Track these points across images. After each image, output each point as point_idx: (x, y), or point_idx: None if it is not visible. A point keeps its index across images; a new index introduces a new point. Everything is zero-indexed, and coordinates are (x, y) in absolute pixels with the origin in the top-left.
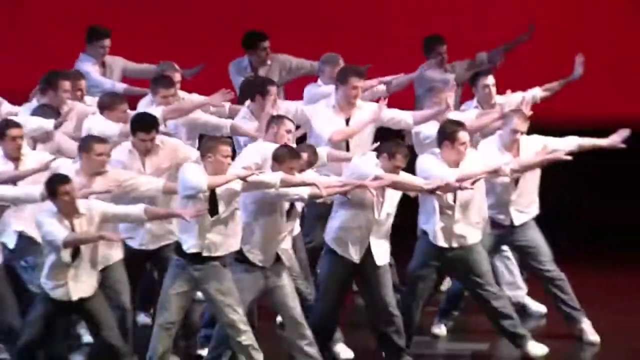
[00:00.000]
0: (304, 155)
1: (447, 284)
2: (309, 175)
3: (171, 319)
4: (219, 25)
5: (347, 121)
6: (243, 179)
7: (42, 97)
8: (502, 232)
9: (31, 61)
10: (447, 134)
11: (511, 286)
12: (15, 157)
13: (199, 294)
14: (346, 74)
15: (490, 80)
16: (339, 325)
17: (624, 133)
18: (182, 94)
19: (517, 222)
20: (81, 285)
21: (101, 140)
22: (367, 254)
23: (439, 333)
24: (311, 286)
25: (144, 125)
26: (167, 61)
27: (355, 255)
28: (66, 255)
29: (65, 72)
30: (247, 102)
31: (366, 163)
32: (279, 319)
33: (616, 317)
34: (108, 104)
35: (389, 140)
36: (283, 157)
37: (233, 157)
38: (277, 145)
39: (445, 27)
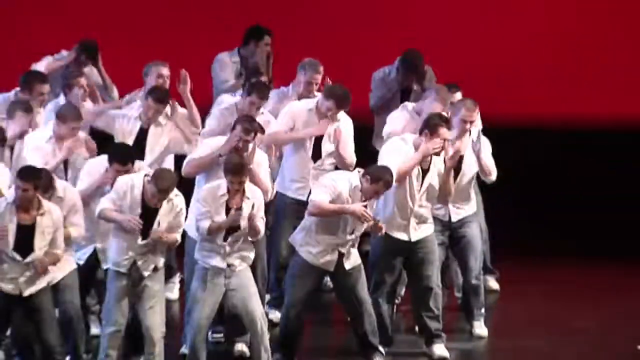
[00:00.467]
0: None
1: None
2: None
3: (121, 321)
4: (218, 25)
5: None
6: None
7: (21, 93)
8: (442, 228)
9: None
10: (430, 125)
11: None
12: None
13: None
14: (327, 95)
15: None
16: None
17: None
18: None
19: (454, 218)
20: (32, 281)
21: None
22: (338, 259)
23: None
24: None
25: (120, 158)
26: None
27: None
28: (15, 254)
29: (44, 76)
30: (239, 99)
31: (342, 181)
32: None
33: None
34: (61, 115)
35: (377, 165)
36: (225, 170)
37: None
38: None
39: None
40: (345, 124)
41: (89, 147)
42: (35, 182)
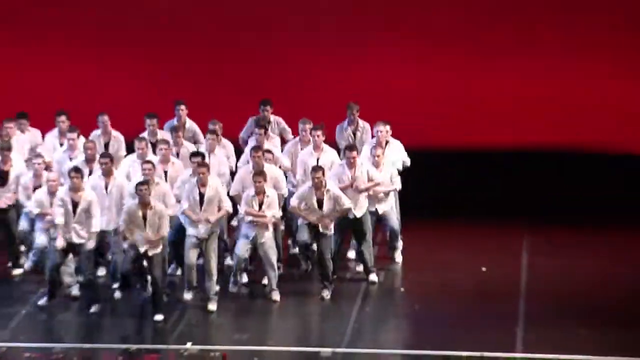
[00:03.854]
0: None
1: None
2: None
3: (193, 263)
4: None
5: (317, 160)
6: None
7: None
8: (373, 212)
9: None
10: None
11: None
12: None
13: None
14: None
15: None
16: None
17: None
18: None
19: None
20: (147, 243)
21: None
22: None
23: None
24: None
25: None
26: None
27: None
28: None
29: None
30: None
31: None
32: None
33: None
34: None
35: None
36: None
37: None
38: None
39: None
40: (329, 152)
41: None
42: (149, 187)
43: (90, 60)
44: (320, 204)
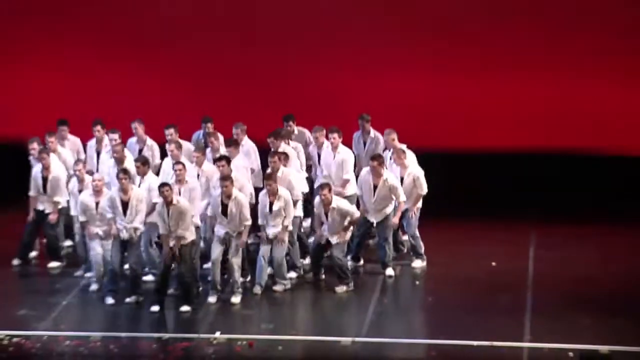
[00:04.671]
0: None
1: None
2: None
3: (218, 257)
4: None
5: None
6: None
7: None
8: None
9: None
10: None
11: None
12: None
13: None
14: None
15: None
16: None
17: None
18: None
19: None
20: (176, 241)
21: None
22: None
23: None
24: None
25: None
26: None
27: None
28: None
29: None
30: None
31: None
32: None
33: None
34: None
35: None
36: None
37: None
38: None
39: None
40: (344, 151)
41: None
42: (169, 187)
43: (115, 68)
44: (326, 216)
